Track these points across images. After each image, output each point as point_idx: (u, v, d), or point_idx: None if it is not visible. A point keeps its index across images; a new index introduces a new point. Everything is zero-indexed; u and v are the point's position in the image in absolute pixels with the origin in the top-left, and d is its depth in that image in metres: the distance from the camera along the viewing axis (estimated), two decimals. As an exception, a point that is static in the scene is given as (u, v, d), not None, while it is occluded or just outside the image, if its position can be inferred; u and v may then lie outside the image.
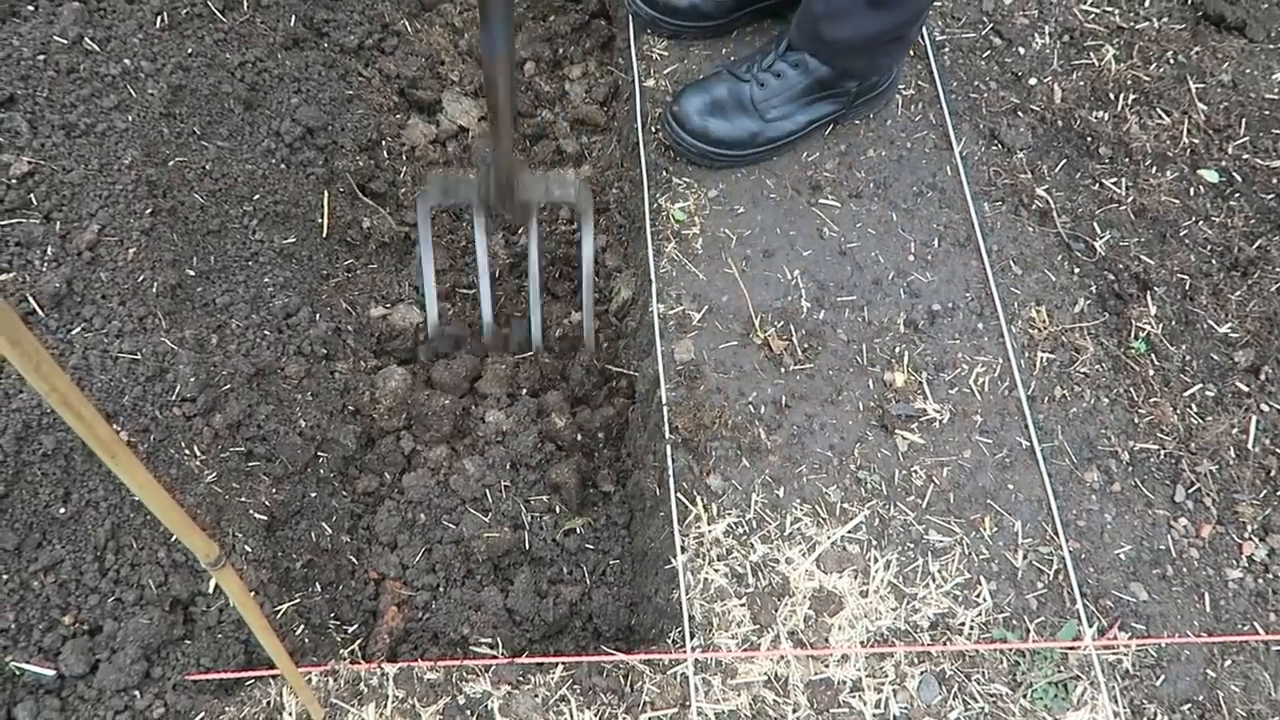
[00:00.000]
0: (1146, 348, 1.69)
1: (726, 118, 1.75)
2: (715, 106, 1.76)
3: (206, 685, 1.33)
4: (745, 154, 1.78)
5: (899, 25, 1.66)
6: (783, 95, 1.75)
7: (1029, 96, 1.96)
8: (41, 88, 1.48)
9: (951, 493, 1.54)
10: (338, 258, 1.83)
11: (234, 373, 1.51)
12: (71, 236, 1.41)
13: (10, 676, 1.23)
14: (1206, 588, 1.51)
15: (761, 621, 1.42)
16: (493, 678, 1.37)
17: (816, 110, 1.78)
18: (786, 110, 1.76)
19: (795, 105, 1.76)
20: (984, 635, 1.44)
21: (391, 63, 2.07)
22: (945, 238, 1.78)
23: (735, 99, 1.76)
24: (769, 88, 1.75)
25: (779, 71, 1.75)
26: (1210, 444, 1.61)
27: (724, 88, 1.77)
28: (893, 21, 1.64)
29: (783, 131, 1.78)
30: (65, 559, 1.28)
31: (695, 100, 1.77)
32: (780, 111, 1.75)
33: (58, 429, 1.28)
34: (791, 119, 1.77)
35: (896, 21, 1.65)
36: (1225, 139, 1.93)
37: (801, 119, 1.78)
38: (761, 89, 1.75)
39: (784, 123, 1.77)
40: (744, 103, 1.75)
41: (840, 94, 1.77)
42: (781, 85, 1.74)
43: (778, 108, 1.75)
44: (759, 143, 1.77)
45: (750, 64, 1.78)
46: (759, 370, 1.62)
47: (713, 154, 1.77)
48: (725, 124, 1.75)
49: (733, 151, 1.77)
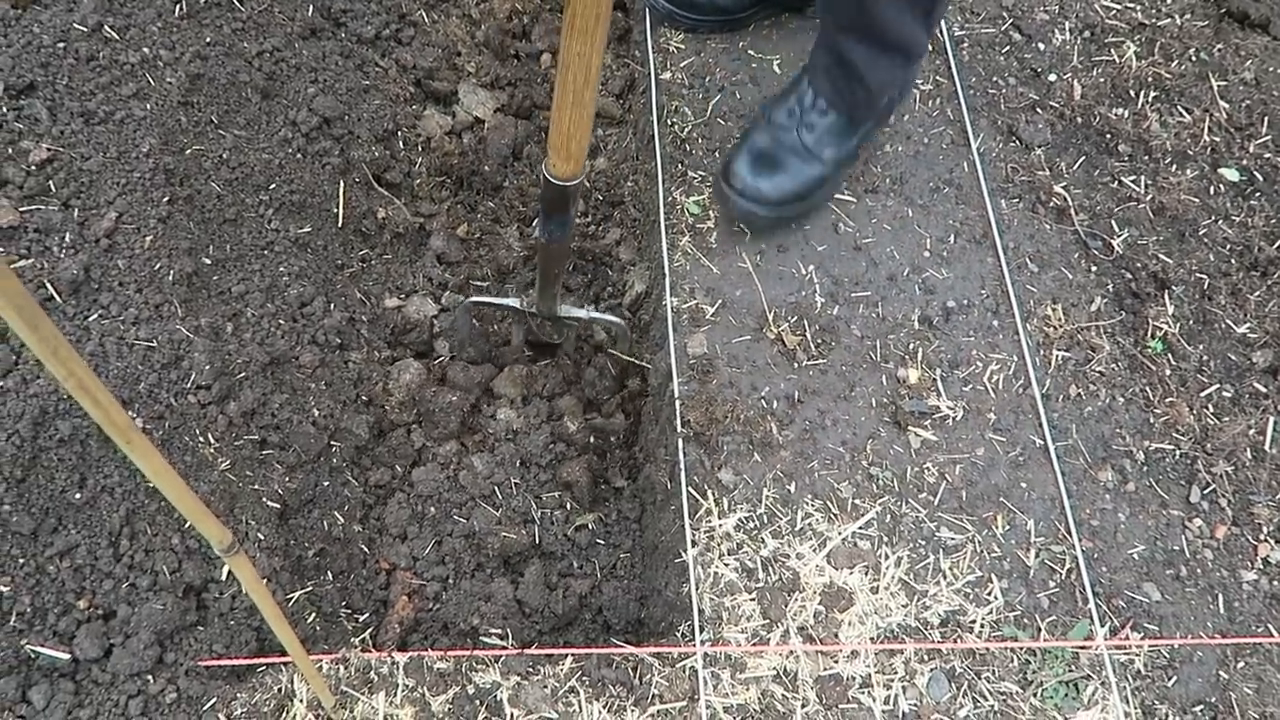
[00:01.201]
0: (1163, 347, 1.68)
1: (788, 171, 1.65)
2: (769, 164, 1.65)
3: (219, 671, 1.34)
4: (812, 201, 1.70)
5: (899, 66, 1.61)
6: (832, 131, 1.67)
7: (1048, 93, 1.94)
8: (61, 75, 1.49)
9: (964, 490, 1.54)
10: (352, 248, 1.83)
11: (249, 361, 1.51)
12: (89, 224, 1.42)
13: (25, 659, 1.25)
14: (1220, 589, 1.50)
15: (771, 616, 1.42)
16: (502, 668, 1.37)
17: (859, 133, 1.71)
18: (838, 143, 1.68)
19: (845, 136, 1.68)
20: (995, 633, 1.43)
21: (408, 53, 2.07)
22: (961, 234, 1.77)
23: (786, 149, 1.66)
24: (817, 130, 1.66)
25: (822, 109, 1.66)
26: (1227, 445, 1.60)
27: (769, 140, 1.67)
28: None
29: (839, 167, 1.71)
30: (80, 544, 1.29)
31: (745, 163, 1.65)
32: (835, 149, 1.67)
33: (74, 414, 1.29)
34: (844, 149, 1.69)
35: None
36: (1247, 137, 1.91)
37: (852, 146, 1.71)
38: (810, 132, 1.66)
39: (840, 155, 1.69)
40: (797, 150, 1.66)
41: (876, 111, 1.71)
42: (829, 122, 1.66)
43: (831, 145, 1.67)
44: (826, 185, 1.70)
45: (788, 108, 1.68)
46: (772, 365, 1.62)
47: (786, 212, 1.68)
48: (787, 178, 1.65)
49: (803, 203, 1.68)
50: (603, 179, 2.10)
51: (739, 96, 1.89)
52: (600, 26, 1.02)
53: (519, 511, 1.70)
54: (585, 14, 1.01)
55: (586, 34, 1.03)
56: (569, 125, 1.18)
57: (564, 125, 1.18)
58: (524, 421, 1.79)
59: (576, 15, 1.01)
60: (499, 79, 2.14)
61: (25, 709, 1.23)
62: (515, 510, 1.70)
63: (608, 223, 2.05)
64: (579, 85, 1.10)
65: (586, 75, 1.08)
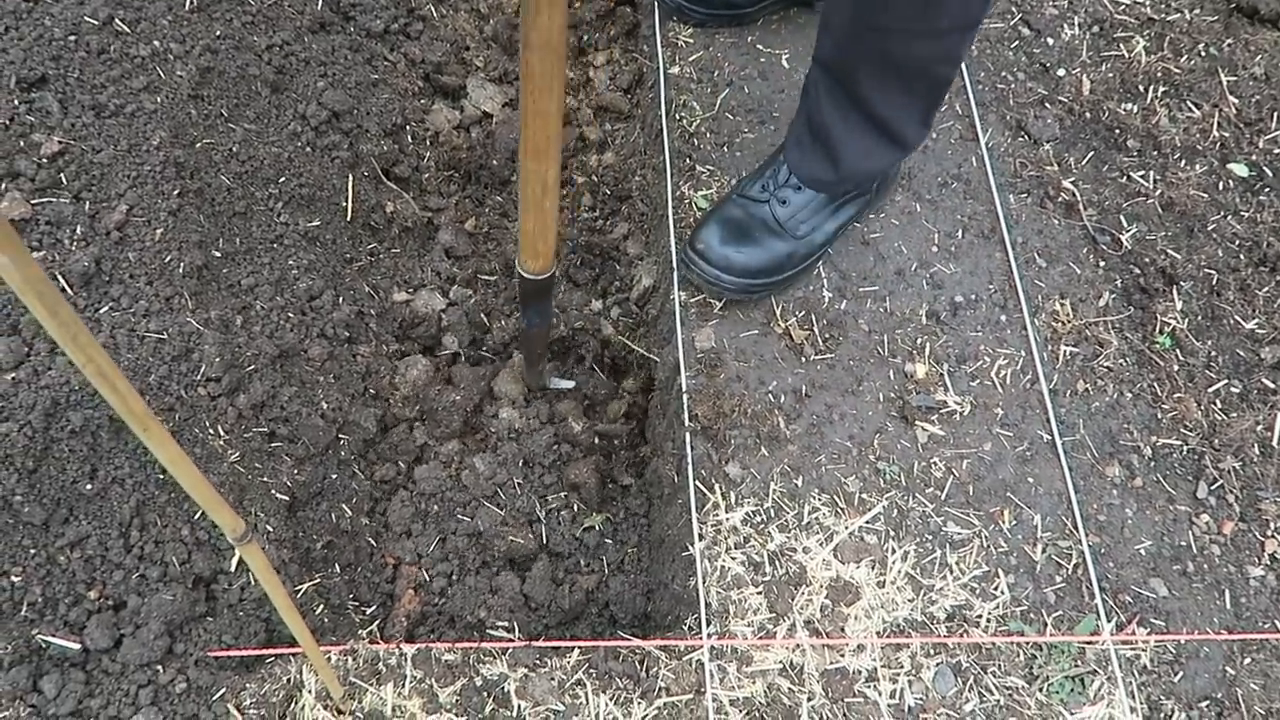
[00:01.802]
0: (1171, 343, 1.68)
1: (756, 243, 1.58)
2: (740, 234, 1.59)
3: (228, 662, 1.35)
4: (782, 278, 1.62)
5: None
6: (808, 208, 1.60)
7: (1057, 88, 1.94)
8: (72, 68, 1.49)
9: (971, 485, 1.54)
10: (361, 241, 1.84)
11: (258, 354, 1.52)
12: (100, 216, 1.42)
13: (37, 649, 1.25)
14: (1227, 585, 1.50)
15: (778, 610, 1.42)
16: (509, 660, 1.38)
17: (844, 214, 1.65)
18: (815, 222, 1.61)
19: (823, 215, 1.61)
20: (1001, 628, 1.43)
21: (417, 47, 2.07)
22: (969, 229, 1.77)
23: (758, 221, 1.59)
24: (791, 204, 1.59)
25: (795, 185, 1.60)
26: (1234, 440, 1.60)
27: (740, 212, 1.61)
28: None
29: (814, 246, 1.63)
30: (91, 535, 1.30)
31: (714, 231, 1.59)
32: (809, 226, 1.60)
33: (86, 405, 1.30)
34: (821, 230, 1.62)
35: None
36: (1256, 133, 1.90)
37: (831, 227, 1.64)
38: (784, 206, 1.59)
39: (814, 236, 1.62)
40: (769, 225, 1.59)
41: (864, 193, 1.65)
42: (805, 198, 1.60)
43: (806, 222, 1.60)
44: (795, 263, 1.62)
45: (762, 182, 1.62)
46: (779, 359, 1.62)
47: (753, 286, 1.60)
48: (757, 250, 1.58)
49: (769, 279, 1.60)
50: (610, 174, 2.10)
51: (747, 91, 1.89)
52: (553, 146, 1.06)
53: (524, 512, 1.70)
54: (538, 137, 1.05)
55: (540, 153, 1.07)
56: (533, 229, 1.23)
57: (529, 229, 1.23)
58: (525, 422, 1.79)
59: (530, 138, 1.05)
60: (507, 73, 2.14)
61: (37, 698, 1.24)
62: (520, 511, 1.69)
63: (615, 217, 2.06)
64: (538, 196, 1.15)
65: (544, 187, 1.13)
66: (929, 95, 1.46)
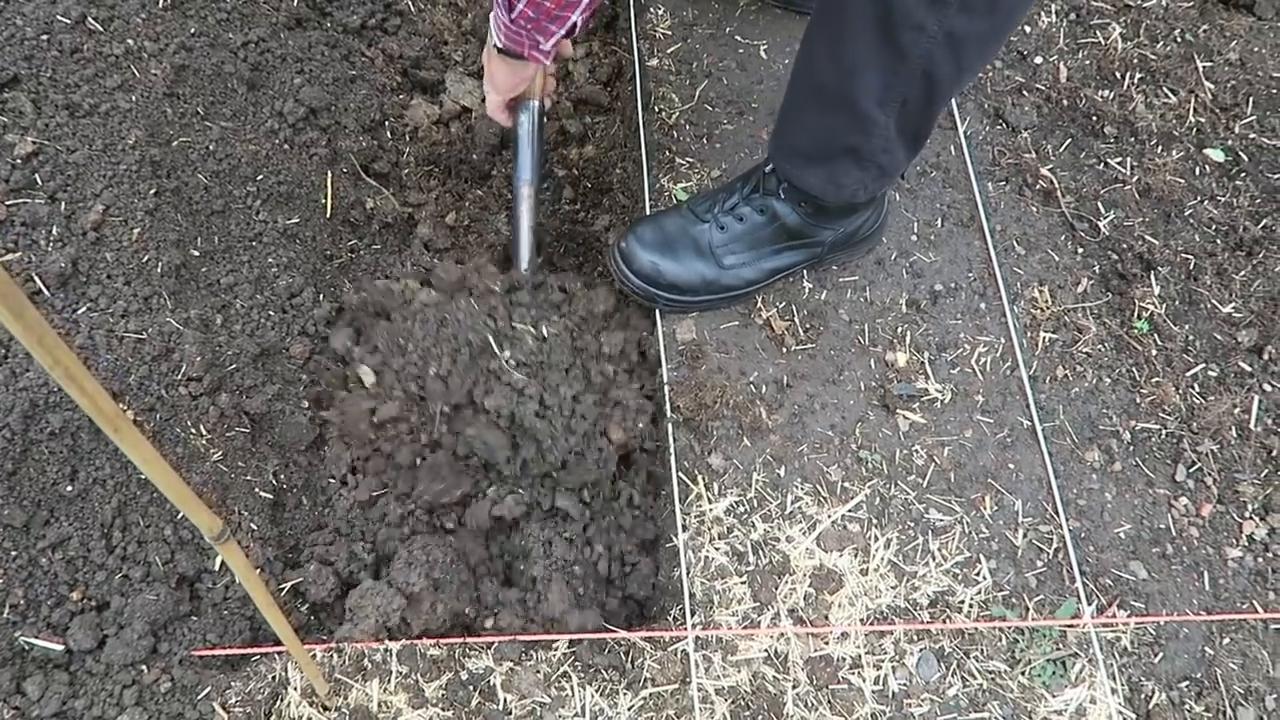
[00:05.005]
0: (1149, 328, 1.69)
1: (677, 258, 1.58)
2: (666, 244, 1.58)
3: (212, 661, 1.35)
4: (696, 300, 1.61)
5: (843, 132, 1.40)
6: (743, 241, 1.57)
7: (1034, 75, 1.95)
8: (45, 68, 1.48)
9: (952, 472, 1.55)
10: (341, 238, 1.83)
11: (239, 353, 1.52)
12: (76, 216, 1.42)
13: (19, 651, 1.25)
14: (1206, 566, 1.52)
15: (762, 599, 1.43)
16: (495, 655, 1.38)
17: (782, 259, 1.61)
18: (746, 258, 1.58)
19: (757, 253, 1.59)
20: (983, 613, 1.45)
21: (394, 43, 2.06)
22: (948, 217, 1.78)
23: (691, 239, 1.58)
24: (729, 232, 1.57)
25: (741, 215, 1.57)
26: (1212, 424, 1.61)
27: (678, 225, 1.60)
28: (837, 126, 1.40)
29: (740, 280, 1.60)
30: (73, 536, 1.29)
31: (645, 235, 1.59)
32: (739, 259, 1.58)
33: (65, 407, 1.29)
34: (752, 266, 1.60)
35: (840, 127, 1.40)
36: (1232, 118, 1.92)
37: (765, 267, 1.60)
38: (721, 233, 1.57)
39: (742, 270, 1.59)
40: (700, 245, 1.58)
41: (813, 244, 1.60)
42: (743, 230, 1.57)
43: (736, 254, 1.58)
44: (713, 290, 1.60)
45: (712, 203, 1.60)
46: (760, 350, 1.62)
47: (660, 296, 1.60)
48: (675, 265, 1.57)
49: (682, 296, 1.60)
50: (591, 166, 2.10)
51: (726, 82, 1.89)
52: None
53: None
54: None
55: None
56: None
57: None
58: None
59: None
60: (485, 68, 2.13)
61: (20, 700, 1.24)
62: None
63: (597, 209, 2.05)
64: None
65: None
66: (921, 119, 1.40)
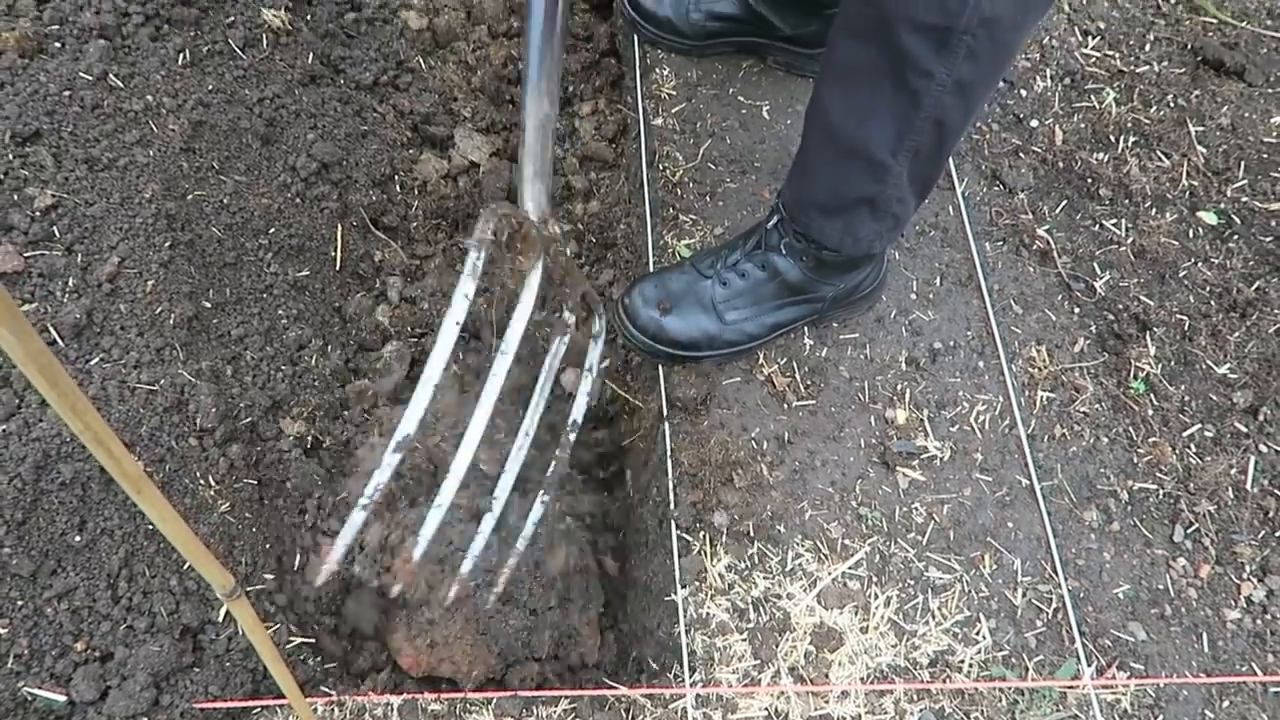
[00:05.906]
0: (1145, 388, 1.72)
1: (680, 314, 1.59)
2: (669, 300, 1.60)
3: (214, 713, 1.35)
4: (699, 355, 1.62)
5: (858, 182, 1.41)
6: (746, 296, 1.59)
7: (1030, 138, 1.99)
8: (66, 123, 1.52)
9: (952, 530, 1.56)
10: (350, 290, 1.86)
11: (251, 405, 1.54)
12: (92, 268, 1.44)
13: (22, 702, 1.25)
14: (1205, 628, 1.52)
15: (762, 656, 1.43)
16: (495, 710, 1.39)
17: (784, 314, 1.63)
18: (748, 313, 1.60)
19: (759, 308, 1.61)
20: (983, 673, 1.45)
21: (405, 99, 2.11)
22: (947, 276, 1.81)
23: (694, 295, 1.60)
24: (731, 287, 1.59)
25: (743, 271, 1.59)
26: (1209, 484, 1.63)
27: (682, 281, 1.62)
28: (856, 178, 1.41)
29: (743, 335, 1.62)
30: (79, 586, 1.30)
31: (648, 291, 1.61)
32: (741, 314, 1.60)
33: (76, 458, 1.31)
34: (755, 321, 1.61)
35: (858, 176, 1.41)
36: (1224, 181, 1.96)
37: (767, 321, 1.62)
38: (724, 288, 1.59)
39: (745, 325, 1.61)
40: (702, 300, 1.59)
41: (814, 299, 1.62)
42: (745, 286, 1.59)
43: (739, 309, 1.59)
44: (715, 345, 1.62)
45: (715, 259, 1.62)
46: (761, 406, 1.64)
47: (664, 352, 1.62)
48: (678, 321, 1.59)
49: (685, 352, 1.62)
50: (596, 221, 2.14)
51: (729, 142, 1.93)
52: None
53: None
54: None
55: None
56: None
57: None
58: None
59: None
60: (494, 124, 2.18)
61: (21, 752, 1.24)
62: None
63: (601, 264, 2.09)
64: None
65: None
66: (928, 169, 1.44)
